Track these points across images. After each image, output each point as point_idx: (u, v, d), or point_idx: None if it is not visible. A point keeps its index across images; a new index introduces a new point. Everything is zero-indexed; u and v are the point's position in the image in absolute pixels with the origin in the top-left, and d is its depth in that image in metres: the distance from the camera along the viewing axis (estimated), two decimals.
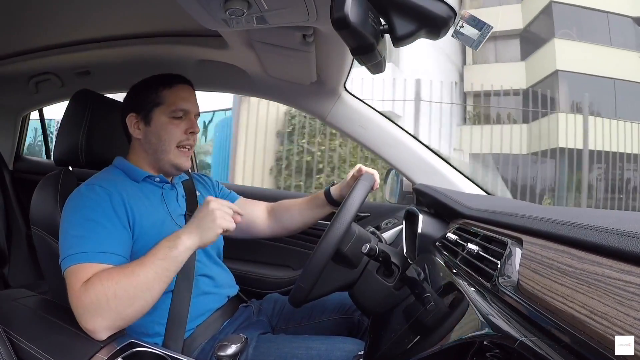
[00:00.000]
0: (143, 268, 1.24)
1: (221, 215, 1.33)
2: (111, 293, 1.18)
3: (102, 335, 1.19)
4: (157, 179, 1.62)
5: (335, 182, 1.89)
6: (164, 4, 1.73)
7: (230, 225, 1.35)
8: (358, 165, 1.73)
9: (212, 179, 2.00)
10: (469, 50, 16.22)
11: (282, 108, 8.11)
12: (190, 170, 1.81)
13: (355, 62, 1.65)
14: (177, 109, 1.59)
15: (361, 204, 1.33)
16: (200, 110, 1.67)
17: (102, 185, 1.44)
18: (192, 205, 1.69)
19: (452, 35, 1.21)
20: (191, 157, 1.69)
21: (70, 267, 1.26)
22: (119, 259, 1.32)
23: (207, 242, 1.33)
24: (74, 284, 1.22)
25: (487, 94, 12.05)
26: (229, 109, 9.23)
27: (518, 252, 0.90)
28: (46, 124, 3.58)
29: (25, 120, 3.33)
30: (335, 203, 1.84)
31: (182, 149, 1.60)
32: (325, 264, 1.26)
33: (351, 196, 1.33)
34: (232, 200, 1.95)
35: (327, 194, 1.85)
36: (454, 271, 1.17)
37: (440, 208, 1.68)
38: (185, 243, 1.29)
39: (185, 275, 1.51)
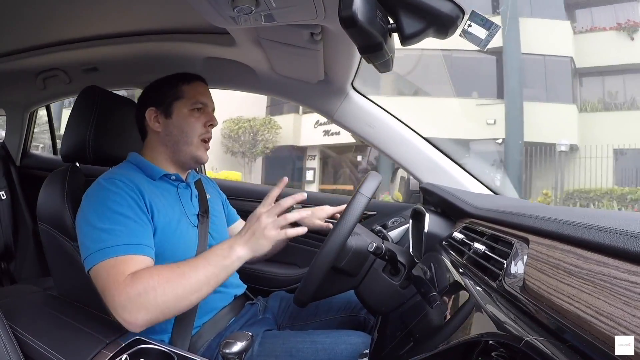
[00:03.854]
0: (194, 271, 1.25)
1: (272, 227, 1.32)
2: (160, 289, 1.19)
3: (139, 328, 1.20)
4: (173, 177, 1.63)
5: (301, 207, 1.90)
6: (172, 0, 1.74)
7: (281, 236, 1.33)
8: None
9: (216, 183, 2.05)
10: None
11: None
12: (197, 171, 1.83)
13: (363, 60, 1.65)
14: (197, 102, 1.64)
15: (357, 220, 1.31)
16: None
17: (121, 179, 1.44)
18: (204, 206, 1.70)
19: (460, 35, 1.21)
20: None
21: (105, 261, 1.25)
22: (150, 251, 1.34)
23: (260, 254, 1.33)
24: (115, 276, 1.22)
25: None
26: None
27: (524, 252, 0.90)
28: None
29: (33, 116, 3.35)
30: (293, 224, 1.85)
31: (203, 142, 1.65)
32: (321, 280, 1.26)
33: (347, 212, 1.31)
34: (234, 220, 2.03)
35: None
36: (460, 270, 1.17)
37: (447, 207, 1.68)
38: (238, 253, 1.30)
39: None
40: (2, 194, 2.91)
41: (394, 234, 2.15)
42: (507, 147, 15.06)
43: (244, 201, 2.52)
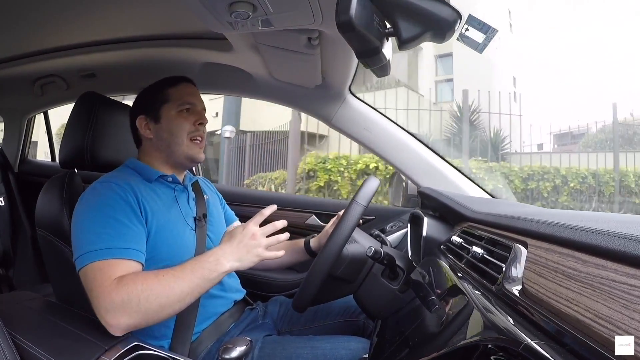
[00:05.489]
0: (179, 281, 1.26)
1: (264, 244, 1.37)
2: (144, 297, 1.20)
3: (120, 332, 1.20)
4: (170, 179, 1.63)
5: (315, 234, 1.90)
6: (169, 6, 1.73)
7: (271, 256, 1.38)
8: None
9: (214, 186, 2.04)
10: None
11: None
12: (194, 173, 1.82)
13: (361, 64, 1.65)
14: (184, 102, 1.63)
15: (352, 229, 1.32)
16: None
17: (117, 183, 1.44)
18: (201, 208, 1.70)
19: (457, 39, 1.21)
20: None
21: (94, 263, 1.26)
22: (140, 255, 1.34)
23: (246, 267, 1.36)
24: (102, 280, 1.23)
25: None
26: None
27: (523, 256, 0.90)
28: None
29: (31, 122, 3.34)
30: (311, 253, 1.86)
31: (194, 141, 1.64)
32: (318, 288, 1.27)
33: (342, 222, 1.32)
34: (232, 220, 2.02)
35: (307, 243, 1.87)
36: (459, 274, 1.17)
37: (445, 211, 1.68)
38: (224, 268, 1.32)
39: None
40: (0, 201, 2.90)
41: (392, 238, 2.15)
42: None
43: (241, 206, 2.52)
